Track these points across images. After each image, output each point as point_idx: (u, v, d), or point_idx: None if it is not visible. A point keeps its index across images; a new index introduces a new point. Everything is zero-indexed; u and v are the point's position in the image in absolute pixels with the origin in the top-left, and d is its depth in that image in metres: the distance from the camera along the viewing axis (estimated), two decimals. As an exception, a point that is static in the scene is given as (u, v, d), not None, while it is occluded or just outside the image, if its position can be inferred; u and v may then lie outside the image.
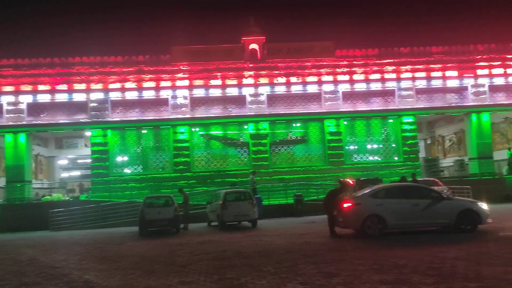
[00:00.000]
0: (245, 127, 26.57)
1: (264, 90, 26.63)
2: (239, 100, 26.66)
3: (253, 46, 26.99)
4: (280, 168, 26.16)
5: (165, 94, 26.26)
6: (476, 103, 27.00)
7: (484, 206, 12.38)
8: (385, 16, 66.41)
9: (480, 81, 27.19)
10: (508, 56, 27.33)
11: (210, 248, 11.50)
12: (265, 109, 26.50)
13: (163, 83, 26.19)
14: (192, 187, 24.38)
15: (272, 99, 26.77)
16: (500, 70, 27.25)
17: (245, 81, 26.56)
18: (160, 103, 26.31)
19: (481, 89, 27.15)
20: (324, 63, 26.80)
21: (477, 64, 27.21)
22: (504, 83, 27.32)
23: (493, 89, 27.30)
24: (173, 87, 26.22)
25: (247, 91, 26.58)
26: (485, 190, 21.51)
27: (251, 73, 26.59)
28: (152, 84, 26.11)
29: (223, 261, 9.36)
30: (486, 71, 27.18)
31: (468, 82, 27.20)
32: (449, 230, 12.01)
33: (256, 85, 26.59)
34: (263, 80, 26.60)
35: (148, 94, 26.17)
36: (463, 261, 7.90)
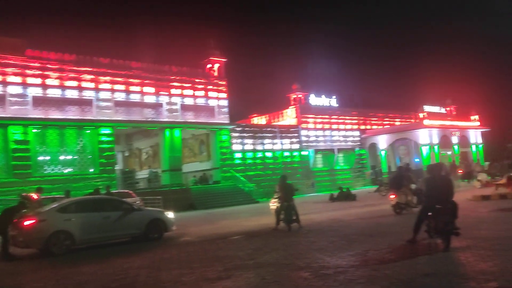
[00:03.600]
0: None
1: None
2: None
3: None
4: None
5: None
6: (169, 120, 29.30)
7: (170, 214, 13.30)
8: (88, 23, 65.06)
9: (174, 99, 29.75)
10: (197, 80, 31.03)
11: None
12: None
13: None
14: None
15: None
16: (190, 92, 30.59)
17: None
18: None
19: (174, 107, 29.72)
20: (11, 61, 23.66)
21: (171, 84, 29.73)
22: (193, 104, 30.77)
23: (184, 108, 30.34)
24: None
25: None
26: (174, 200, 23.61)
27: None
28: None
29: None
30: (179, 91, 30.01)
31: (164, 99, 29.30)
32: (139, 240, 12.24)
33: None
34: None
35: None
36: (146, 269, 8.09)
